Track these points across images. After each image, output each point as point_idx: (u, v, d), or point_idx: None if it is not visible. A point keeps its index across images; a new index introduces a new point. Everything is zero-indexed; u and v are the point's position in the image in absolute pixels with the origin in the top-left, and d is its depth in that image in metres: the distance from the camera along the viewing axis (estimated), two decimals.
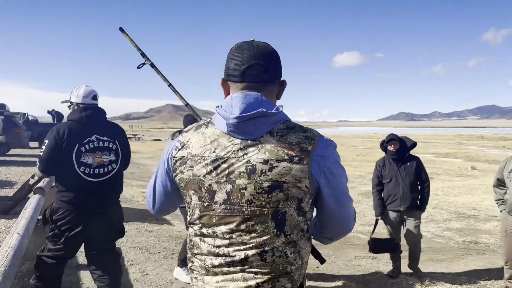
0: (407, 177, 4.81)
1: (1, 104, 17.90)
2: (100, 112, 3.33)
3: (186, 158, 1.36)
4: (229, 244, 1.31)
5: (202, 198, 1.34)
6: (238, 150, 1.29)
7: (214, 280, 1.34)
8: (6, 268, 2.78)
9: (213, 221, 1.32)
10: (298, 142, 1.28)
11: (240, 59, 1.36)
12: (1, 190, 8.75)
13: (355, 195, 10.82)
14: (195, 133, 1.38)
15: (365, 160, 20.50)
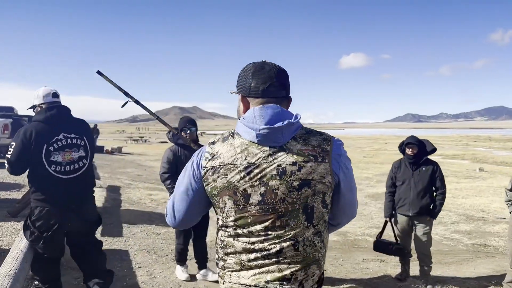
0: (420, 182, 4.69)
1: (10, 107, 18.04)
2: (65, 109, 3.37)
3: (218, 167, 1.49)
4: (264, 240, 1.48)
5: (237, 201, 1.48)
6: (268, 156, 1.47)
7: (251, 274, 1.49)
8: (16, 271, 2.80)
9: (248, 221, 1.48)
10: (319, 144, 1.50)
11: (261, 78, 1.54)
12: (10, 193, 8.80)
13: (362, 198, 10.79)
14: (224, 144, 1.52)
15: (372, 162, 20.43)
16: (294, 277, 1.48)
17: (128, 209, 7.98)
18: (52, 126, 3.21)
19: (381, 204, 9.94)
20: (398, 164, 4.95)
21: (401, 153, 4.95)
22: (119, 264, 4.83)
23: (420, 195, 4.68)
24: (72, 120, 3.38)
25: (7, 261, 2.97)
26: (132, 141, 41.65)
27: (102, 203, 8.15)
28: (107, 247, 5.41)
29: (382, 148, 33.81)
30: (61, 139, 3.21)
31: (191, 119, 4.57)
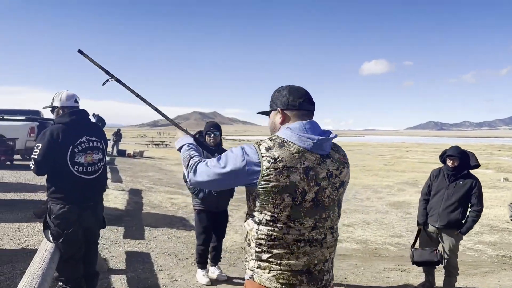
0: (454, 195, 4.54)
1: (36, 111, 18.50)
2: (86, 114, 3.58)
3: (282, 169, 1.75)
4: (312, 230, 1.81)
5: (295, 198, 1.77)
6: (320, 161, 1.82)
7: (300, 260, 1.79)
8: (44, 271, 2.88)
9: (301, 215, 1.79)
10: (344, 154, 1.97)
11: (298, 94, 1.91)
12: (36, 194, 9.02)
13: (383, 206, 10.66)
14: (282, 150, 1.78)
15: (393, 170, 20.17)
16: (330, 257, 1.90)
17: (149, 212, 8.08)
18: (76, 129, 3.38)
19: (402, 213, 9.82)
20: (436, 173, 4.81)
21: (441, 163, 4.80)
22: (141, 266, 4.90)
23: (450, 209, 4.53)
24: (91, 124, 3.58)
25: (35, 260, 3.06)
26: (153, 145, 42.16)
27: (124, 206, 8.28)
28: (130, 249, 5.51)
29: (404, 156, 33.37)
30: (84, 141, 3.38)
31: (216, 124, 4.73)
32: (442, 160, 4.78)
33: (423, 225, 4.78)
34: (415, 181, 15.83)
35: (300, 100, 1.90)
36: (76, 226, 3.35)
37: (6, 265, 4.56)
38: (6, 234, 5.79)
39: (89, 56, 2.61)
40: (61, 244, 3.32)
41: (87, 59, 2.62)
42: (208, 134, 4.52)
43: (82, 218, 3.37)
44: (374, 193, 12.81)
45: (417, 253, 4.66)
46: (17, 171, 12.27)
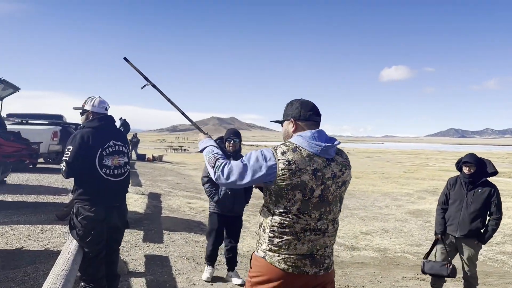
0: (473, 204, 4.47)
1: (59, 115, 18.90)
2: (113, 120, 3.81)
3: (295, 170, 2.10)
4: (317, 220, 2.17)
5: (305, 194, 2.12)
6: (326, 164, 2.18)
7: (305, 246, 2.15)
8: (67, 272, 2.96)
9: (309, 208, 2.14)
10: (346, 157, 2.32)
11: (308, 108, 2.27)
12: (58, 197, 9.22)
13: (402, 214, 10.54)
14: (295, 154, 2.14)
15: (413, 178, 19.90)
16: (331, 244, 2.25)
17: (168, 216, 8.17)
18: (104, 134, 3.58)
19: (422, 222, 9.69)
20: (453, 181, 4.74)
21: (458, 171, 4.73)
22: (160, 270, 4.97)
23: (471, 218, 4.45)
24: (117, 130, 3.78)
25: (59, 262, 3.14)
26: (172, 150, 42.54)
27: (144, 210, 8.40)
28: (149, 253, 5.59)
29: (424, 163, 32.90)
30: (111, 145, 3.57)
31: (237, 131, 4.87)
32: (458, 168, 4.71)
33: (441, 234, 4.69)
34: (435, 189, 15.59)
35: (310, 112, 2.27)
36: (102, 226, 3.49)
37: (30, 266, 4.69)
38: (29, 235, 5.94)
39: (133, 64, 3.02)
40: (87, 243, 3.44)
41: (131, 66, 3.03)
42: (228, 140, 4.67)
43: (108, 218, 3.52)
44: (393, 200, 12.67)
45: (428, 265, 4.63)
46: (40, 174, 12.57)
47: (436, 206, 4.87)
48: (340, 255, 6.65)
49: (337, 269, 5.86)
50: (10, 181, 10.78)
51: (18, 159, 9.68)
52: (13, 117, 17.52)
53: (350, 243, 7.42)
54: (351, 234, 8.10)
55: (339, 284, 5.21)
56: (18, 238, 5.78)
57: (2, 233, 5.96)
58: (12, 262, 4.80)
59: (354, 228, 8.63)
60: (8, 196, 8.83)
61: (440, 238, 4.70)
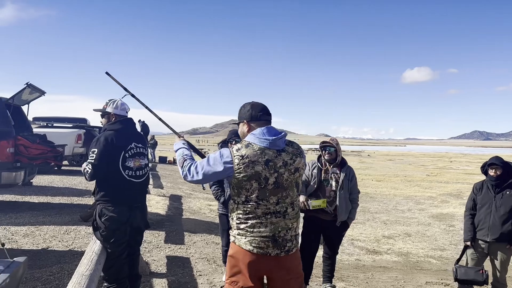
0: (503, 207, 4.37)
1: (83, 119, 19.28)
2: (134, 122, 3.89)
3: (248, 162, 2.38)
4: (276, 204, 2.43)
5: (261, 183, 2.40)
6: (277, 155, 2.45)
7: (268, 228, 2.40)
8: (91, 272, 3.00)
9: (267, 194, 2.42)
10: (297, 147, 2.58)
11: (257, 109, 2.55)
12: (82, 198, 9.40)
13: (426, 218, 10.35)
14: (247, 149, 2.42)
15: (436, 181, 19.53)
16: (293, 227, 2.50)
17: (189, 218, 8.23)
18: (126, 136, 3.64)
19: (445, 226, 9.50)
20: (480, 186, 4.63)
21: (483, 174, 4.63)
22: (181, 271, 5.00)
23: (501, 221, 4.35)
24: (137, 132, 3.85)
25: (83, 262, 3.20)
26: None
27: (165, 211, 8.48)
28: (170, 254, 5.63)
29: (447, 166, 32.26)
30: (133, 147, 3.62)
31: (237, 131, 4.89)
32: (483, 172, 4.61)
33: (471, 241, 4.56)
34: (460, 192, 15.27)
35: (260, 113, 2.54)
36: (125, 227, 3.55)
37: (55, 266, 4.79)
38: (54, 236, 6.07)
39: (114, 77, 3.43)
40: (110, 244, 3.49)
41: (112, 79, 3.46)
42: (230, 141, 4.74)
43: (131, 218, 3.58)
44: (416, 204, 12.46)
45: (461, 271, 4.48)
46: (65, 176, 12.84)
47: (464, 212, 4.75)
48: (362, 259, 6.57)
49: (359, 273, 5.79)
50: (36, 183, 11.04)
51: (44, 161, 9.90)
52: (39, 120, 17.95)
53: (372, 247, 7.33)
54: (373, 238, 7.99)
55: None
56: (44, 238, 5.92)
57: (29, 233, 6.11)
58: (38, 261, 4.91)
59: (376, 232, 8.52)
60: (34, 198, 9.05)
61: (470, 244, 4.57)
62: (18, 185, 9.80)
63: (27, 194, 9.33)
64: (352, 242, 7.44)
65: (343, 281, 5.33)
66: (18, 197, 9.02)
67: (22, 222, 6.73)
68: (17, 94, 9.10)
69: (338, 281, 5.23)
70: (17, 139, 8.55)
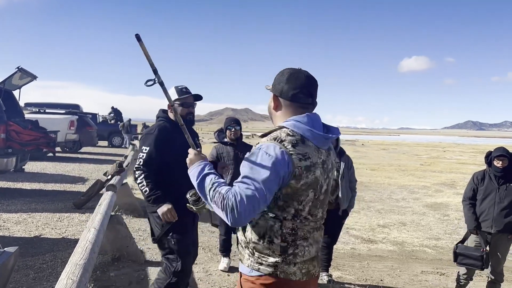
0: (506, 198, 4.35)
1: (76, 105, 19.09)
2: None
3: (310, 166, 1.73)
4: (321, 218, 1.88)
5: (316, 193, 1.79)
6: (327, 155, 1.86)
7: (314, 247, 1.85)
8: (85, 261, 2.93)
9: (317, 207, 1.83)
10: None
11: (293, 84, 1.79)
12: (75, 185, 9.31)
13: (420, 207, 10.38)
14: (306, 146, 1.74)
15: (430, 170, 19.61)
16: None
17: None
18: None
19: (440, 215, 9.53)
20: (481, 176, 4.58)
21: (487, 164, 4.57)
22: None
23: (504, 212, 4.34)
24: None
25: (77, 250, 3.12)
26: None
27: None
28: None
29: (441, 156, 32.39)
30: None
31: (236, 119, 4.92)
32: (487, 162, 4.56)
33: (475, 229, 4.51)
34: (453, 182, 15.35)
35: (294, 91, 1.79)
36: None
37: (48, 254, 4.72)
38: (47, 223, 5.99)
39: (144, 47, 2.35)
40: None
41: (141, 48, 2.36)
42: (229, 128, 4.69)
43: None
44: (410, 193, 12.49)
45: (461, 247, 4.49)
46: (58, 163, 12.71)
47: (462, 201, 4.71)
48: (357, 248, 6.56)
49: (354, 262, 5.78)
50: (28, 169, 10.92)
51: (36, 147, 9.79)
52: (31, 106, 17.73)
53: (367, 236, 7.32)
54: (368, 227, 8.00)
55: (357, 277, 5.14)
56: (36, 226, 5.84)
57: (21, 220, 6.02)
58: (31, 249, 4.84)
59: (370, 221, 8.53)
60: (26, 184, 8.95)
61: (476, 233, 4.52)
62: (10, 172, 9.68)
63: (19, 181, 9.22)
64: (347, 231, 7.43)
65: (339, 270, 5.32)
66: (10, 183, 8.91)
67: (14, 209, 6.64)
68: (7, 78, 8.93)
69: (334, 270, 5.21)
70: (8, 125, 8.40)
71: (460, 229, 7.96)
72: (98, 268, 4.39)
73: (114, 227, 4.66)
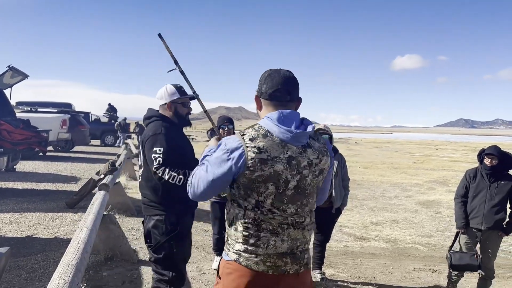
0: (497, 196, 4.42)
1: (68, 104, 18.97)
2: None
3: (266, 159, 1.80)
4: (294, 214, 1.88)
5: (279, 187, 1.83)
6: (301, 151, 1.86)
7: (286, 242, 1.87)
8: (77, 261, 2.92)
9: (284, 201, 1.86)
10: (324, 142, 1.96)
11: (270, 84, 1.89)
12: (67, 185, 9.25)
13: (413, 205, 10.44)
14: (266, 140, 1.82)
15: (422, 168, 19.73)
16: (310, 238, 1.99)
17: None
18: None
19: (432, 212, 9.60)
20: (473, 173, 4.63)
21: (478, 162, 4.64)
22: None
23: (495, 209, 4.41)
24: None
25: (69, 250, 3.11)
26: None
27: None
28: None
29: (433, 153, 32.60)
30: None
31: (229, 118, 4.91)
32: (479, 159, 4.61)
33: (463, 227, 4.59)
34: (445, 179, 15.45)
35: (271, 90, 1.88)
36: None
37: (40, 254, 4.69)
38: (39, 223, 5.96)
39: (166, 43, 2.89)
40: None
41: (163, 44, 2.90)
42: (222, 127, 4.67)
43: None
44: (403, 191, 12.56)
45: (456, 256, 4.50)
46: (50, 162, 12.63)
47: (455, 199, 4.76)
48: (350, 245, 6.60)
49: (347, 260, 5.81)
50: (20, 168, 10.83)
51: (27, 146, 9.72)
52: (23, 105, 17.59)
53: (360, 234, 7.36)
54: (361, 225, 8.04)
55: (350, 274, 5.16)
56: (28, 225, 5.80)
57: (13, 220, 5.98)
58: (23, 249, 4.80)
59: (363, 219, 8.57)
60: (18, 184, 8.88)
61: (464, 231, 4.60)
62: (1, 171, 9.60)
63: (11, 180, 9.15)
64: (341, 229, 7.46)
65: (332, 268, 5.34)
66: (1, 183, 8.84)
67: (5, 209, 6.59)
68: None
69: (327, 267, 5.24)
70: None
71: (452, 226, 8.01)
72: (90, 268, 4.37)
73: (107, 226, 4.64)
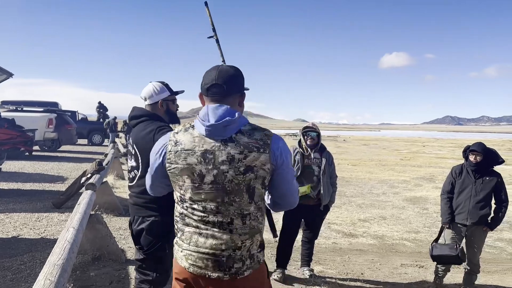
0: (482, 192, 4.50)
1: (54, 103, 18.74)
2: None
3: (180, 151, 1.82)
4: (216, 212, 1.80)
5: (194, 180, 1.81)
6: (220, 145, 1.79)
7: (208, 241, 1.81)
8: (64, 261, 2.89)
9: (202, 197, 1.81)
10: (261, 138, 1.81)
11: (206, 79, 1.90)
12: (54, 185, 9.16)
13: (400, 201, 10.54)
14: (185, 134, 1.86)
15: (409, 165, 19.92)
16: (244, 245, 1.82)
17: None
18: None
19: (419, 209, 9.70)
20: (459, 170, 4.71)
21: (464, 158, 4.73)
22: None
23: (480, 205, 4.49)
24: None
25: (55, 251, 3.08)
26: None
27: None
28: None
29: (420, 151, 32.93)
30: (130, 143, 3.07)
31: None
32: (465, 156, 4.69)
33: (448, 223, 4.66)
34: (432, 176, 15.63)
35: (207, 86, 1.89)
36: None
37: (26, 254, 4.64)
38: (25, 223, 5.89)
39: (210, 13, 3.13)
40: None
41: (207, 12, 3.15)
42: None
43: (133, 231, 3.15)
44: (390, 188, 12.67)
45: (437, 248, 4.60)
46: (36, 162, 12.47)
47: (441, 195, 4.84)
48: (338, 242, 6.64)
49: (335, 256, 5.85)
50: (5, 169, 10.68)
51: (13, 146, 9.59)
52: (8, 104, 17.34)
53: (348, 230, 7.41)
54: (349, 221, 8.09)
55: (338, 271, 5.20)
56: (14, 226, 5.73)
57: None
58: (8, 250, 4.75)
59: (351, 215, 8.63)
60: (4, 184, 8.77)
61: (449, 227, 4.68)
62: None
63: None
64: (329, 226, 7.50)
65: (321, 265, 5.38)
66: None
67: None
68: None
69: (316, 264, 5.27)
70: None
71: (439, 222, 8.08)
72: (78, 268, 4.34)
73: (94, 226, 4.61)
